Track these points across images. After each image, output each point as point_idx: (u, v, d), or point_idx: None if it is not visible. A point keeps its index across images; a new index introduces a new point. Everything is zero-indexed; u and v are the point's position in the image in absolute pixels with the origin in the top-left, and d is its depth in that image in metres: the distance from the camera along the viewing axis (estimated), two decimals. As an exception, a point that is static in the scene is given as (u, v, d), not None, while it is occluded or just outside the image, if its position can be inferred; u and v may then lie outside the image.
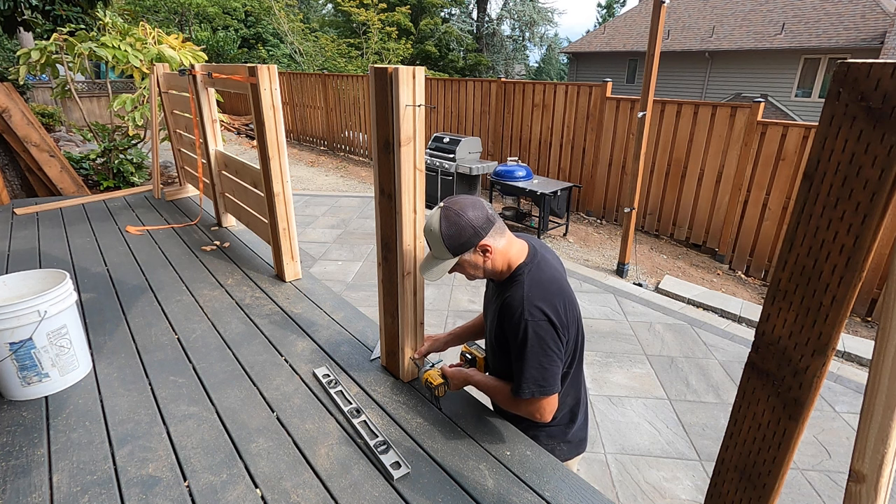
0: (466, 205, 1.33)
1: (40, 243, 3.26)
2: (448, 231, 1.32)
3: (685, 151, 5.50)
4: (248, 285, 2.73)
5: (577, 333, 1.41)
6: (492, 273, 1.40)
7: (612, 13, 35.40)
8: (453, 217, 1.32)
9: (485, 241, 1.33)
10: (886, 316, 0.70)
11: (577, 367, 1.47)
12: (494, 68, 25.24)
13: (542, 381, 1.32)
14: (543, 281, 1.34)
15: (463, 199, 1.36)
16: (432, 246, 1.37)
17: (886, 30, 12.87)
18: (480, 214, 1.33)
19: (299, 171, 9.12)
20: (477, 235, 1.32)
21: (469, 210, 1.32)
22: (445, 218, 1.32)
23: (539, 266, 1.38)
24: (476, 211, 1.33)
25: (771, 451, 0.87)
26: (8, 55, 15.83)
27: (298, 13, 18.65)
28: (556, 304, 1.31)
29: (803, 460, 2.61)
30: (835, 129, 0.69)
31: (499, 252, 1.36)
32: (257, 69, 2.35)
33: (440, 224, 1.32)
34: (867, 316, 4.35)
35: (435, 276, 1.38)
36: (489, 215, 1.35)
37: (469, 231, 1.31)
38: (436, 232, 1.33)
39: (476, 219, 1.32)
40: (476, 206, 1.34)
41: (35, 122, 4.69)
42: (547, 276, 1.36)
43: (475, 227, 1.32)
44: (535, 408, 1.37)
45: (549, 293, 1.32)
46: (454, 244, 1.33)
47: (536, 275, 1.35)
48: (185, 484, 1.44)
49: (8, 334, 1.69)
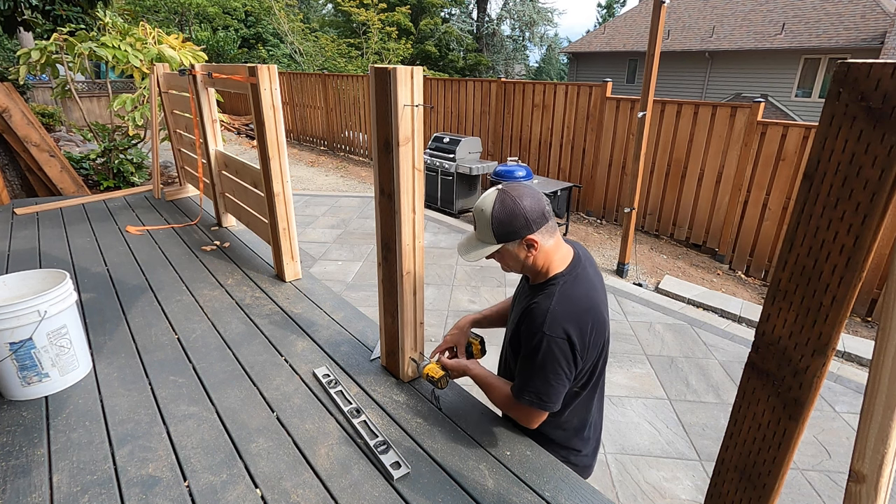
0: (525, 193, 1.26)
1: (40, 243, 3.26)
2: (500, 215, 1.25)
3: (685, 151, 5.50)
4: (248, 285, 2.73)
5: (600, 358, 1.35)
6: (530, 270, 1.34)
7: (612, 13, 35.40)
8: (510, 203, 1.24)
9: (534, 235, 1.26)
10: (886, 316, 0.70)
11: (590, 390, 1.40)
12: (494, 68, 25.24)
13: (545, 396, 1.28)
14: (575, 298, 1.27)
15: (524, 186, 1.28)
16: (479, 227, 1.30)
17: (886, 30, 12.87)
18: (537, 207, 1.26)
19: (299, 171, 9.12)
20: (528, 228, 1.25)
21: (527, 199, 1.25)
22: (501, 202, 1.25)
23: (576, 280, 1.30)
24: (534, 203, 1.25)
25: (771, 451, 0.87)
26: (8, 55, 15.84)
27: (298, 13, 18.66)
28: (581, 326, 1.25)
29: (803, 460, 2.61)
30: (835, 129, 0.69)
31: (543, 252, 1.29)
32: (257, 69, 2.35)
33: (493, 206, 1.25)
34: (867, 316, 4.34)
35: (473, 257, 1.31)
36: (545, 211, 1.28)
37: (521, 221, 1.24)
38: (487, 214, 1.26)
39: (532, 211, 1.24)
40: (535, 198, 1.26)
41: (35, 122, 4.69)
42: (580, 293, 1.29)
43: (528, 219, 1.24)
44: (526, 415, 1.36)
45: (576, 312, 1.25)
46: (503, 231, 1.26)
47: (570, 289, 1.28)
48: (185, 484, 1.44)
49: (8, 334, 1.69)
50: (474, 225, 1.32)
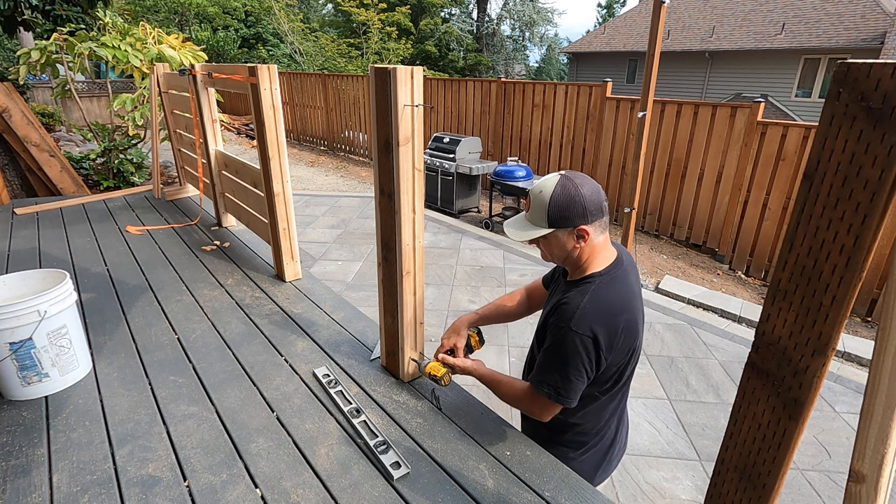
0: (587, 183, 1.24)
1: (40, 243, 3.26)
2: (558, 200, 1.22)
3: (685, 151, 5.50)
4: (248, 285, 2.73)
5: (627, 365, 1.32)
6: (571, 263, 1.32)
7: (612, 13, 35.40)
8: (571, 188, 1.22)
9: (587, 226, 1.23)
10: (886, 316, 0.70)
11: (609, 398, 1.38)
12: (494, 68, 25.24)
13: (562, 390, 1.26)
14: (608, 299, 1.25)
15: (586, 177, 1.26)
16: (532, 209, 1.27)
17: (886, 30, 12.87)
18: (596, 199, 1.23)
19: (299, 171, 9.12)
20: (583, 217, 1.22)
21: (587, 189, 1.23)
22: (562, 186, 1.22)
23: (612, 281, 1.28)
24: (594, 194, 1.23)
25: (771, 451, 0.87)
26: (8, 55, 15.84)
27: (298, 13, 18.67)
28: (610, 327, 1.23)
29: (803, 460, 2.61)
30: (835, 129, 0.69)
31: (591, 246, 1.27)
32: (257, 69, 2.35)
33: (554, 189, 1.22)
34: (867, 316, 4.34)
35: (521, 237, 1.29)
36: (603, 205, 1.26)
37: (578, 209, 1.22)
38: (545, 195, 1.23)
39: (591, 202, 1.22)
40: (595, 190, 1.24)
41: (35, 122, 4.70)
42: (614, 295, 1.26)
43: (586, 209, 1.22)
44: (541, 407, 1.34)
45: (607, 313, 1.23)
46: (558, 215, 1.23)
47: (605, 289, 1.26)
48: (185, 484, 1.44)
49: (8, 334, 1.69)
50: (527, 206, 1.30)
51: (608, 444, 1.49)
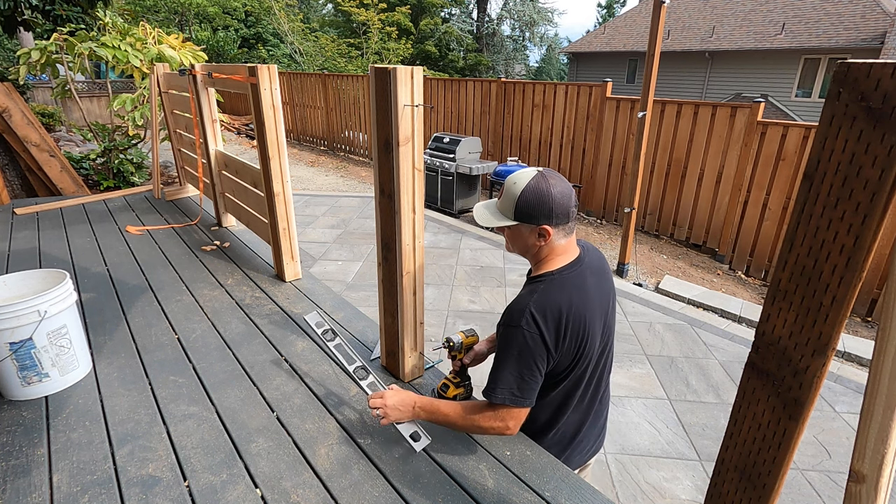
0: (560, 186, 1.25)
1: (40, 243, 3.26)
2: (528, 196, 1.23)
3: (685, 151, 5.50)
4: (248, 285, 2.73)
5: (574, 366, 1.32)
6: (531, 258, 1.35)
7: (612, 13, 35.40)
8: (543, 187, 1.23)
9: (550, 227, 1.25)
10: (886, 316, 0.70)
11: (563, 395, 1.38)
12: (494, 68, 25.24)
13: (517, 391, 1.26)
14: (555, 299, 1.25)
15: (562, 180, 1.27)
16: (503, 198, 1.29)
17: (886, 30, 12.87)
18: (565, 204, 1.25)
19: (299, 171, 9.12)
20: (548, 218, 1.24)
21: (559, 191, 1.24)
22: (536, 182, 1.24)
23: (564, 281, 1.28)
24: (564, 199, 1.25)
25: (771, 451, 0.87)
26: (8, 55, 15.83)
27: (298, 13, 18.67)
28: (556, 325, 1.24)
29: (803, 460, 2.61)
30: (835, 129, 0.69)
31: (550, 247, 1.29)
32: (257, 69, 2.35)
33: (528, 184, 1.24)
34: (867, 316, 4.34)
35: (487, 223, 1.32)
36: (571, 211, 1.27)
37: (546, 209, 1.24)
38: (518, 188, 1.25)
39: (559, 205, 1.24)
40: (566, 195, 1.26)
41: (35, 122, 4.69)
42: (563, 296, 1.26)
43: (553, 210, 1.24)
44: (502, 419, 1.30)
45: (553, 311, 1.24)
46: (524, 210, 1.25)
47: (554, 289, 1.27)
48: (185, 484, 1.44)
49: (8, 334, 1.70)
50: (500, 194, 1.31)
51: (567, 439, 1.49)
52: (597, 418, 1.51)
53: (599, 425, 1.55)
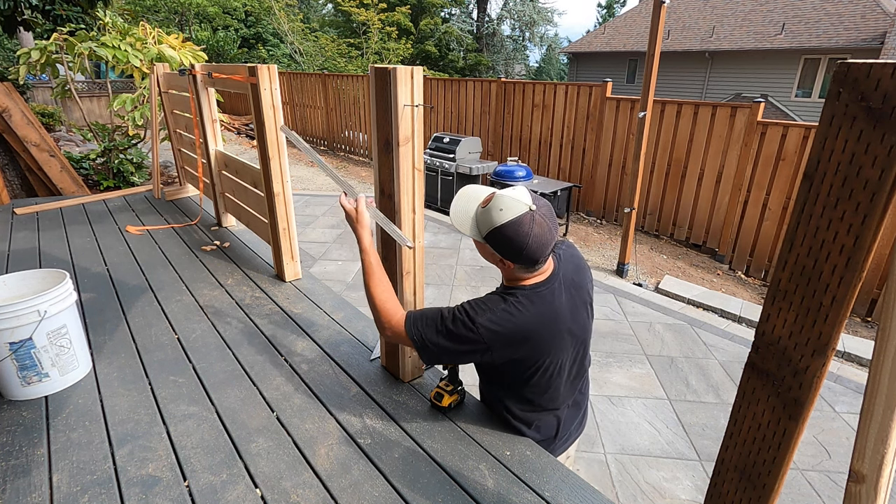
0: (541, 235, 1.19)
1: (40, 243, 3.26)
2: (506, 232, 1.19)
3: (685, 151, 5.50)
4: (248, 285, 2.73)
5: (532, 375, 1.35)
6: (498, 269, 1.37)
7: (612, 13, 35.40)
8: (524, 231, 1.18)
9: (513, 265, 1.26)
10: (886, 316, 0.70)
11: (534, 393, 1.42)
12: (494, 68, 25.24)
13: (426, 342, 1.31)
14: (519, 319, 1.26)
15: (548, 229, 1.21)
16: (486, 211, 1.24)
17: (886, 30, 12.87)
18: (535, 255, 1.21)
19: (299, 171, 9.12)
20: (513, 259, 1.24)
21: (537, 242, 1.19)
22: (519, 224, 1.18)
23: (534, 296, 1.28)
24: (538, 249, 1.21)
25: (771, 451, 0.87)
26: (8, 55, 15.83)
27: (298, 13, 18.66)
28: (511, 344, 1.27)
29: (803, 460, 2.61)
30: (835, 129, 0.69)
31: (514, 272, 1.29)
32: (257, 69, 2.35)
33: (511, 219, 1.18)
34: (867, 316, 4.34)
35: (456, 221, 1.31)
36: (538, 262, 1.24)
37: (515, 251, 1.21)
38: (500, 218, 1.19)
39: (531, 252, 1.20)
40: (542, 245, 1.21)
41: (35, 122, 4.69)
42: (528, 315, 1.26)
43: (520, 255, 1.21)
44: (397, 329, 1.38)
45: (513, 331, 1.26)
46: (496, 239, 1.22)
47: (521, 307, 1.27)
48: (184, 484, 1.44)
49: (8, 334, 1.69)
50: (486, 202, 1.26)
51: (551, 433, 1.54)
52: (571, 421, 1.56)
53: (574, 430, 1.59)
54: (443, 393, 1.71)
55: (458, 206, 1.34)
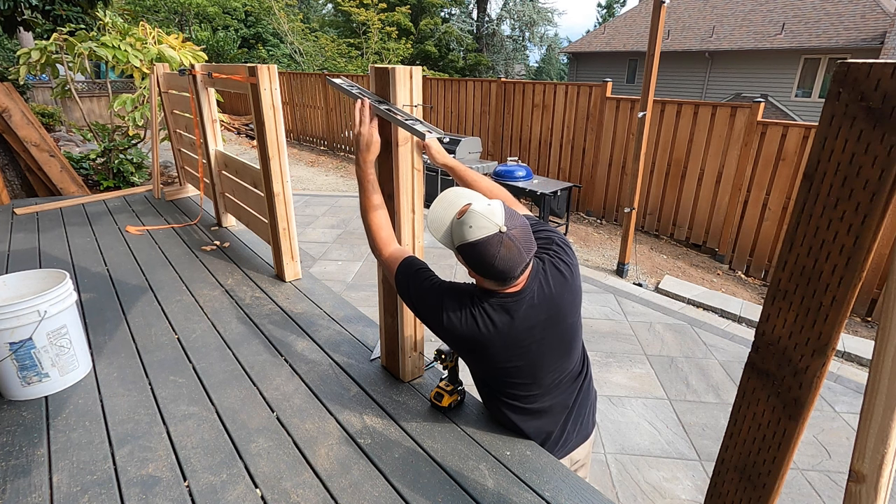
0: (508, 259, 1.17)
1: (40, 243, 3.26)
2: (475, 251, 1.18)
3: (685, 151, 5.50)
4: (248, 285, 2.73)
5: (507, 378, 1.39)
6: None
7: (612, 13, 35.39)
8: (492, 252, 1.16)
9: (480, 279, 1.28)
10: (886, 316, 0.70)
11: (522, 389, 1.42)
12: (494, 68, 25.23)
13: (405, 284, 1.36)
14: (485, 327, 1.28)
15: (517, 252, 1.17)
16: (458, 228, 1.21)
17: (886, 30, 12.86)
18: (504, 273, 1.19)
19: (299, 171, 9.11)
20: (479, 274, 1.25)
21: (503, 265, 1.18)
22: (488, 244, 1.16)
23: (501, 306, 1.28)
24: (506, 269, 1.19)
25: (771, 451, 0.87)
26: (8, 55, 15.83)
27: (298, 13, 18.69)
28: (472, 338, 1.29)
29: (803, 460, 2.61)
30: (835, 129, 0.69)
31: (483, 283, 1.30)
32: (257, 69, 2.35)
33: (480, 239, 1.17)
34: (867, 316, 4.34)
35: (433, 226, 1.30)
36: (509, 278, 1.22)
37: (480, 268, 1.22)
38: (471, 235, 1.18)
39: (496, 272, 1.20)
40: (510, 267, 1.19)
41: (35, 122, 4.69)
42: (497, 324, 1.27)
43: (487, 273, 1.22)
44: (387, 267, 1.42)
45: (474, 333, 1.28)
46: (465, 254, 1.22)
47: (491, 314, 1.28)
48: (185, 484, 1.44)
49: (8, 334, 1.69)
50: (462, 212, 1.23)
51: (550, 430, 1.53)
52: (569, 420, 1.53)
53: (577, 431, 1.56)
54: (443, 393, 1.72)
55: (437, 211, 1.31)
